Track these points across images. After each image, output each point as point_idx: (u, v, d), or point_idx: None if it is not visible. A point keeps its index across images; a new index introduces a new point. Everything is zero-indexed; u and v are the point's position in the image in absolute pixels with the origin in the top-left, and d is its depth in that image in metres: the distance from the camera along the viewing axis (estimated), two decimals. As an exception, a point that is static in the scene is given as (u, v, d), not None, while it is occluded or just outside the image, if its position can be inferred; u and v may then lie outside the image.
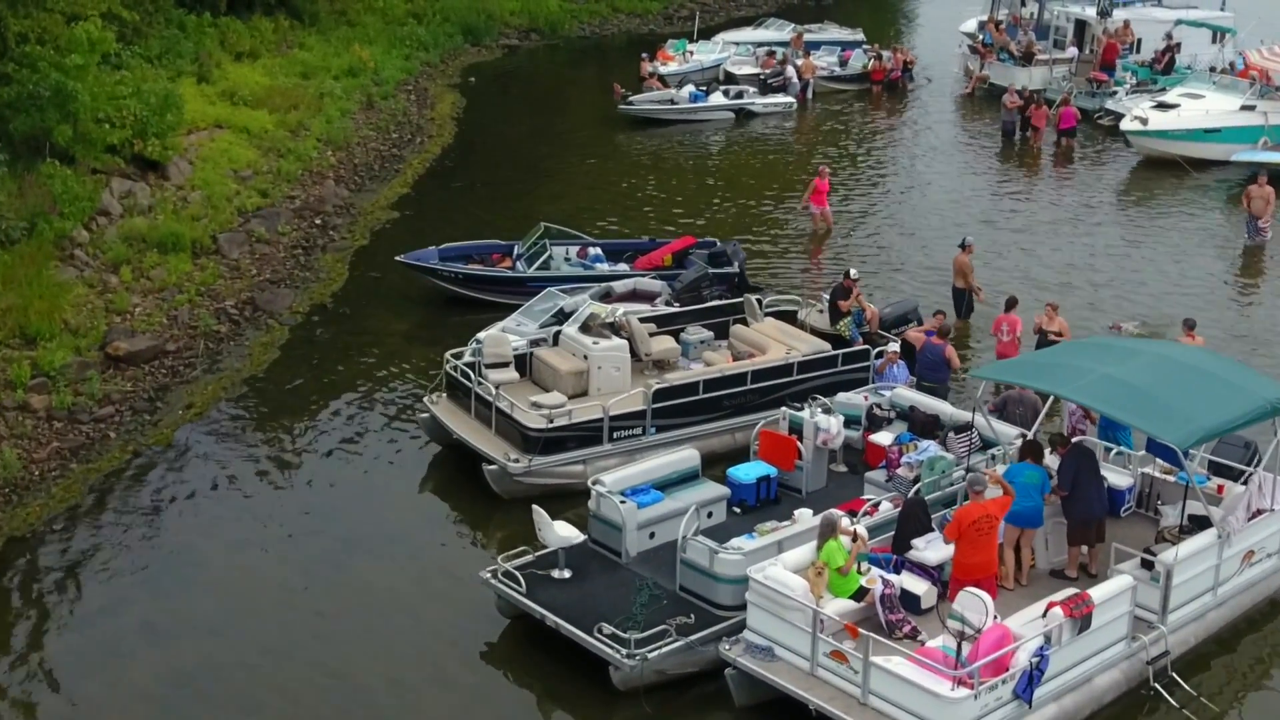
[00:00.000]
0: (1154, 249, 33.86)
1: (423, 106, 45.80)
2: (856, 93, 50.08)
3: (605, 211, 35.36)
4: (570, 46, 58.51)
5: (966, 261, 27.90)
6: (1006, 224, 35.24)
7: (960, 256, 27.98)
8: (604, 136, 43.21)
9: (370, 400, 24.72)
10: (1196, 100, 41.28)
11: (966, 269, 27.86)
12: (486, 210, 35.26)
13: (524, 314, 25.86)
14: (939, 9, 68.48)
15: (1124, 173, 40.83)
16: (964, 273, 27.90)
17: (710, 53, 51.65)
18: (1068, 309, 28.03)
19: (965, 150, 42.72)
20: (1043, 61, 48.83)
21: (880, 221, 35.30)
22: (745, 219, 35.25)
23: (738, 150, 42.22)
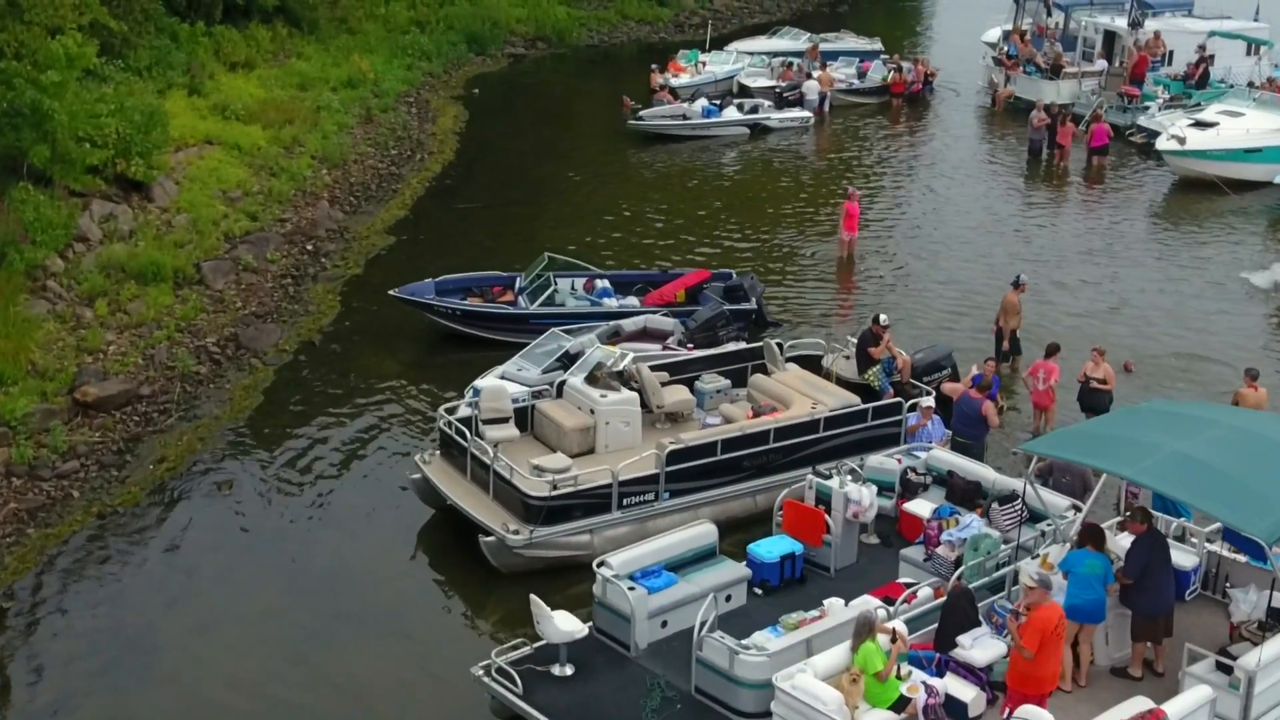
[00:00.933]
0: (1192, 280, 31.87)
1: (424, 120, 43.89)
2: (876, 106, 48.14)
3: (613, 237, 33.43)
4: (578, 56, 56.60)
5: (1016, 301, 25.93)
6: (1035, 254, 33.20)
7: (1010, 295, 25.99)
8: (613, 153, 41.27)
9: (358, 455, 22.76)
10: (1236, 118, 39.30)
11: (1014, 309, 25.90)
12: (488, 235, 33.35)
13: (525, 357, 23.95)
14: (958, 17, 66.67)
15: (1159, 195, 38.86)
16: (1011, 312, 25.92)
17: (724, 64, 49.70)
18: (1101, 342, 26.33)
19: (990, 170, 40.70)
20: (1071, 75, 46.81)
21: (902, 249, 33.32)
22: (761, 245, 33.30)
23: (753, 169, 40.26)
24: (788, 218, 35.49)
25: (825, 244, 33.19)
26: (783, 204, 36.79)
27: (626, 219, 34.89)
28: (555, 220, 34.58)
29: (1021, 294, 26.06)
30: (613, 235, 33.56)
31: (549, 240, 32.39)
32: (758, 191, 37.85)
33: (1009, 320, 25.93)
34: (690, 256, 32.07)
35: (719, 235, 33.86)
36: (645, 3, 62.50)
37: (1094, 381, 23.56)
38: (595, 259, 31.40)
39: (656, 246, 32.82)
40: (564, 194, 37.06)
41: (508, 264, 30.53)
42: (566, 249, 31.40)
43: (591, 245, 32.64)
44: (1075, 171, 40.81)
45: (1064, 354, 23.81)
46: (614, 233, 33.75)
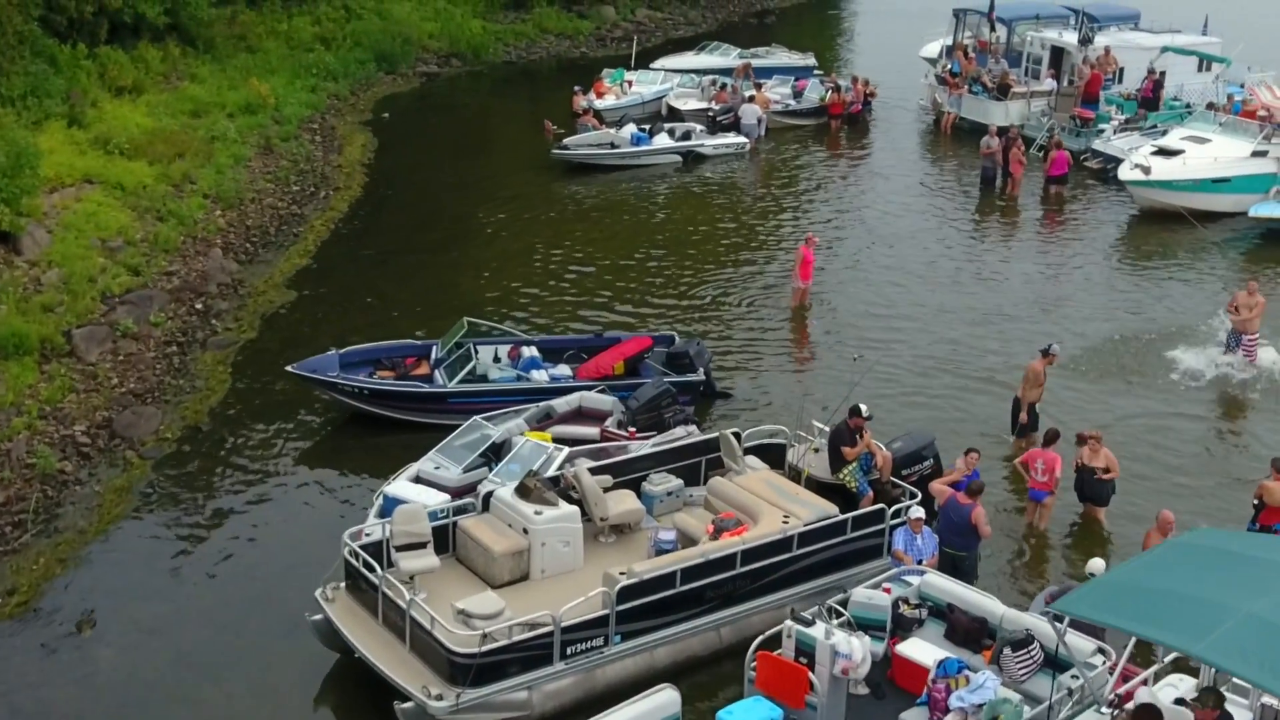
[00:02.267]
0: (1163, 321, 29.22)
1: (329, 150, 40.41)
2: (813, 128, 45.24)
3: (539, 288, 30.15)
4: (495, 73, 53.26)
5: (1041, 371, 23.11)
6: (994, 302, 30.40)
7: (1036, 364, 23.16)
8: (536, 186, 38.02)
9: (247, 581, 19.22)
10: (1201, 145, 36.75)
11: (1038, 380, 23.07)
12: (400, 286, 30.01)
13: (444, 452, 20.80)
14: (886, 27, 64.22)
15: (1121, 227, 36.23)
16: (1034, 383, 23.08)
17: (651, 84, 46.65)
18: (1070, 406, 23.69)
19: (943, 204, 37.78)
20: (1020, 95, 44.16)
21: (858, 297, 30.36)
22: (703, 296, 30.22)
23: (689, 204, 37.16)
24: (730, 261, 32.47)
25: (775, 293, 30.20)
26: (723, 244, 33.77)
27: (553, 265, 31.67)
28: (474, 268, 31.31)
29: (1050, 365, 23.21)
30: (538, 285, 30.28)
31: (468, 292, 29.34)
32: (696, 229, 34.75)
33: (1029, 391, 23.09)
34: (625, 311, 28.97)
35: (655, 284, 30.75)
36: (564, 16, 59.29)
37: (1097, 471, 20.81)
38: (520, 316, 28.35)
39: (587, 299, 29.66)
40: (484, 236, 33.76)
41: (422, 321, 27.52)
42: (487, 304, 28.52)
43: (515, 298, 29.45)
44: (1031, 202, 38.06)
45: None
46: (539, 283, 30.46)
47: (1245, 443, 24.11)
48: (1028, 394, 23.05)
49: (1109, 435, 22.32)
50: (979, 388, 25.67)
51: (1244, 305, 26.88)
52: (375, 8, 53.78)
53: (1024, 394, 23.10)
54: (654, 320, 28.45)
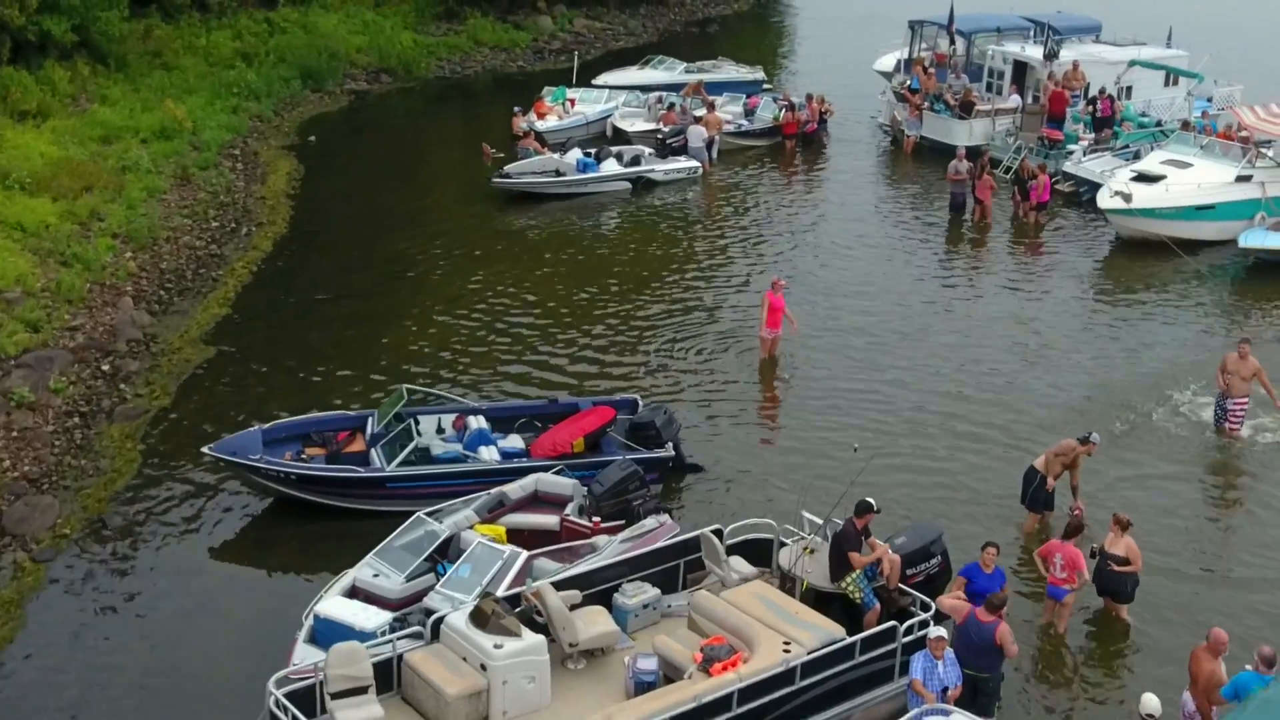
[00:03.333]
0: (1147, 361, 27.06)
1: (251, 180, 37.52)
2: (766, 149, 42.79)
3: (482, 340, 27.45)
4: (428, 90, 50.41)
5: (1071, 453, 20.79)
6: (975, 352, 28.05)
7: (1073, 446, 20.85)
8: (475, 218, 35.32)
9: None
10: (1183, 170, 34.64)
11: (1069, 462, 20.75)
12: (329, 341, 27.27)
13: (384, 557, 18.23)
14: (831, 35, 62.12)
15: (1101, 259, 34.04)
16: (1062, 463, 20.78)
17: (595, 103, 44.05)
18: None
19: (909, 233, 35.34)
20: (984, 112, 41.95)
21: (830, 345, 27.95)
22: (661, 343, 27.71)
23: (640, 235, 34.60)
24: (688, 303, 29.97)
25: (739, 341, 27.74)
26: (680, 283, 31.26)
27: (497, 310, 29.01)
28: (410, 316, 28.60)
29: (1088, 454, 20.86)
30: (481, 336, 27.59)
31: (404, 345, 26.74)
32: (649, 266, 32.22)
33: (1053, 465, 20.69)
34: (577, 365, 26.39)
35: (608, 331, 28.17)
36: (499, 27, 56.52)
37: (1113, 560, 18.50)
38: (462, 373, 25.78)
39: (535, 351, 27.05)
40: (420, 278, 31.00)
41: (355, 382, 25.01)
42: (425, 359, 26.16)
43: (456, 352, 26.81)
44: (1004, 230, 35.81)
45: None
46: (482, 333, 27.74)
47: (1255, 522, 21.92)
48: (1051, 467, 20.67)
49: (1102, 508, 20.18)
50: (977, 450, 23.36)
51: (1234, 369, 24.39)
52: (300, 20, 50.85)
53: (1048, 467, 20.70)
54: (608, 375, 25.95)
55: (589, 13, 60.62)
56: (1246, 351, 24.32)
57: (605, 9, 61.30)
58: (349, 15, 53.35)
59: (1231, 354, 24.51)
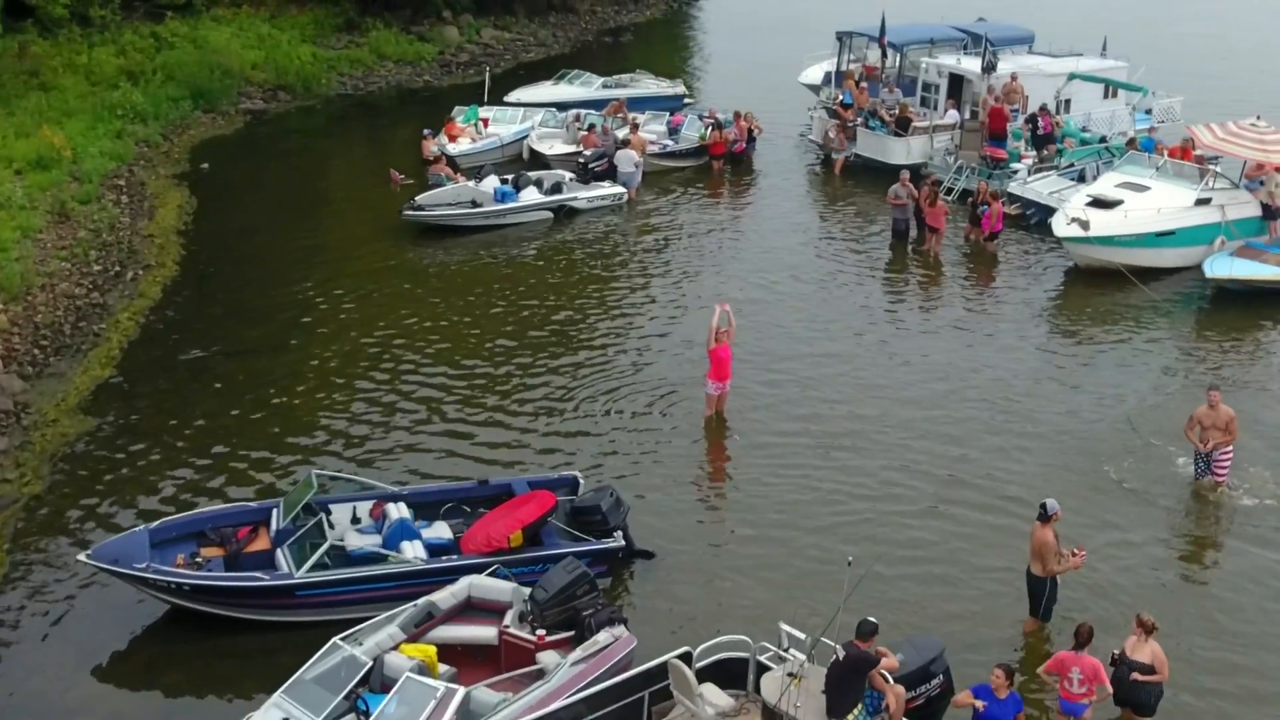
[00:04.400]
0: (1122, 419, 24.92)
1: (138, 214, 34.40)
2: (693, 170, 40.34)
3: (395, 408, 24.53)
4: (329, 108, 47.41)
5: (1049, 540, 18.08)
6: (945, 408, 25.74)
7: (1040, 531, 18.09)
8: (385, 255, 32.50)
9: None
10: (1141, 194, 32.64)
11: (1047, 550, 18.08)
12: (226, 408, 24.37)
13: (295, 695, 15.53)
14: (746, 42, 59.96)
15: (1056, 290, 31.85)
16: (1044, 555, 18.11)
17: (510, 123, 41.36)
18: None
19: (852, 265, 32.93)
20: (921, 129, 39.80)
21: (778, 398, 25.52)
22: (596, 402, 25.11)
23: (564, 270, 31.97)
24: (620, 350, 27.44)
25: (682, 397, 25.25)
26: (608, 326, 28.71)
27: (411, 367, 26.26)
28: (316, 376, 25.78)
29: (1054, 524, 18.27)
30: (393, 404, 24.69)
31: (309, 413, 24.11)
32: (575, 308, 29.62)
33: (1039, 564, 18.22)
34: (501, 435, 23.67)
35: (533, 386, 25.51)
36: (403, 39, 53.54)
37: (1135, 667, 16.25)
38: (374, 443, 23.00)
39: (456, 416, 24.34)
40: (325, 329, 28.13)
41: (255, 456, 22.18)
42: (334, 427, 23.26)
43: (367, 421, 24.02)
44: (952, 260, 33.60)
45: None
46: (393, 402, 24.80)
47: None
48: (1046, 565, 18.21)
49: (1095, 574, 17.99)
50: (959, 531, 21.00)
51: (1206, 423, 22.30)
52: (190, 35, 47.70)
53: (1044, 567, 18.25)
54: (537, 441, 23.31)
55: (497, 22, 57.89)
56: (1217, 400, 22.27)
57: (514, 18, 58.61)
58: (242, 28, 50.28)
59: (1202, 407, 22.42)
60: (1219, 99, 48.52)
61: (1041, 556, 17.99)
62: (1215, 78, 53.22)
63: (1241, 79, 54.06)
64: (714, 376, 24.34)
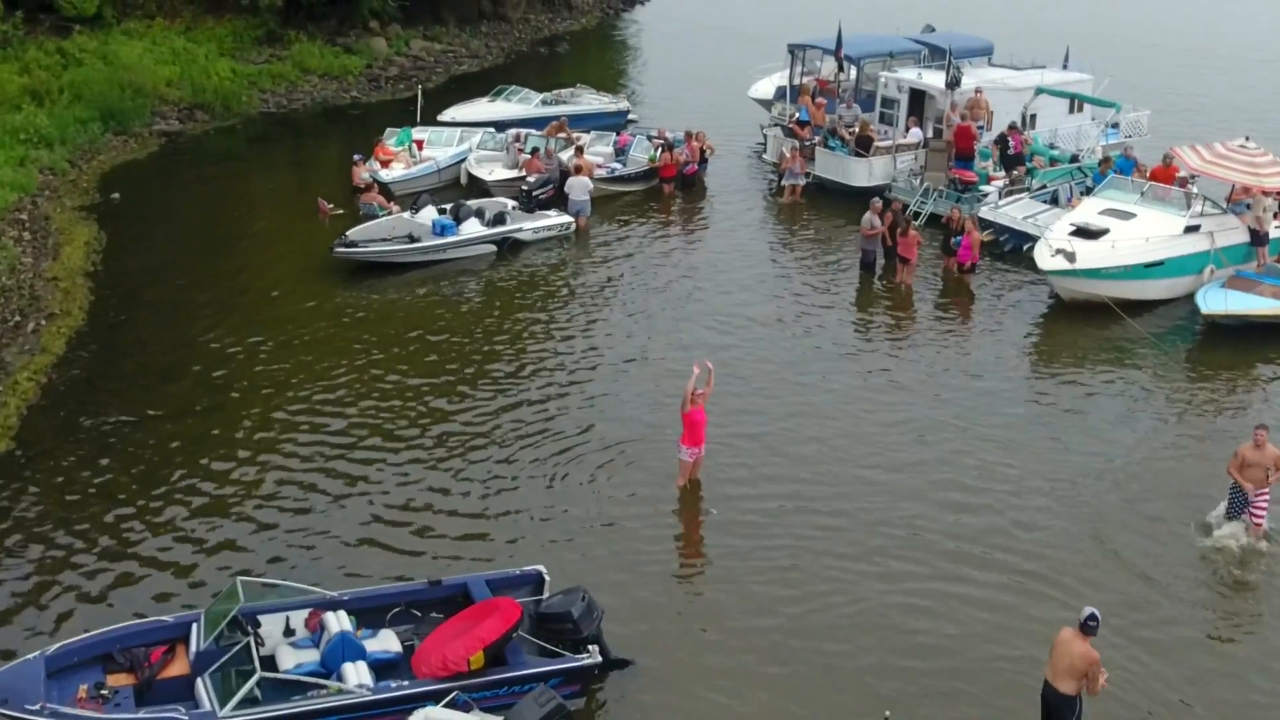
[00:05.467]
0: (1128, 473, 22.77)
1: (41, 254, 31.43)
2: (642, 194, 37.89)
3: (327, 489, 21.78)
4: (250, 128, 44.46)
5: (1092, 655, 15.54)
6: (919, 462, 23.47)
7: (1082, 645, 15.53)
8: (314, 297, 29.74)
9: None
10: (1128, 222, 30.60)
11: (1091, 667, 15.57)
12: (136, 491, 21.50)
13: None
14: (685, 49, 57.62)
15: (1038, 325, 29.79)
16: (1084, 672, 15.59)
17: (446, 145, 38.73)
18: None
19: (814, 301, 30.50)
20: (884, 149, 37.56)
21: (758, 459, 23.18)
22: (550, 466, 22.60)
23: (509, 315, 29.34)
24: (574, 406, 24.90)
25: (640, 457, 22.83)
26: (561, 377, 26.16)
27: (338, 437, 23.49)
28: (237, 447, 22.98)
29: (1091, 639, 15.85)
30: (323, 481, 21.96)
31: (228, 495, 21.42)
32: (523, 357, 27.03)
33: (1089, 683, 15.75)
34: (449, 518, 21.04)
35: (483, 454, 22.87)
36: (328, 51, 50.60)
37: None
38: (308, 537, 20.36)
39: (396, 494, 21.66)
40: (246, 385, 25.27)
41: (169, 551, 19.52)
42: (261, 519, 20.42)
43: (301, 499, 21.36)
44: (925, 296, 31.37)
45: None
46: (324, 479, 22.00)
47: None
48: (1077, 681, 15.85)
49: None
50: (978, 630, 18.70)
51: (1253, 461, 20.67)
52: (99, 50, 44.59)
53: (1058, 679, 15.87)
54: (485, 525, 20.74)
55: (426, 32, 55.08)
56: (1264, 439, 20.83)
57: (444, 28, 55.83)
58: (156, 42, 47.23)
59: (1246, 445, 20.96)
60: (1177, 107, 46.98)
61: (1079, 673, 15.63)
62: (1173, 87, 51.65)
63: (1200, 86, 52.54)
64: (688, 442, 21.94)
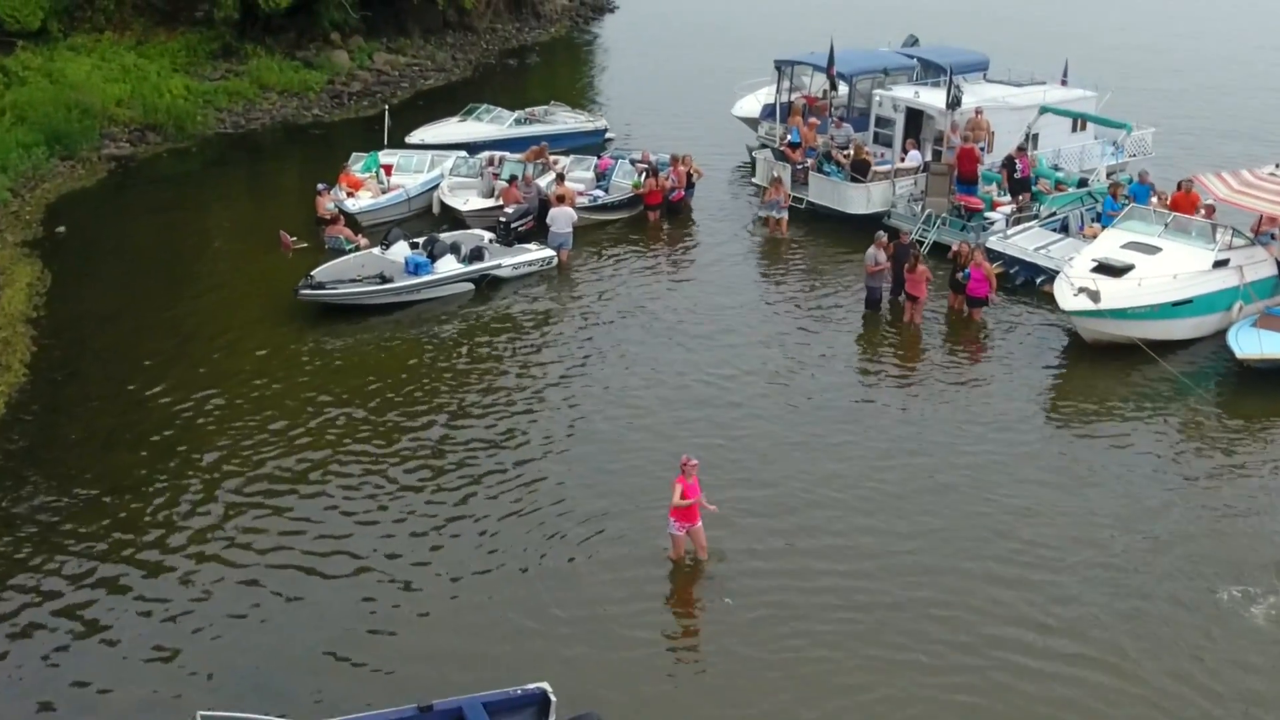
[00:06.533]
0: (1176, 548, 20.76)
1: (-21, 298, 29.00)
2: (626, 222, 35.55)
3: (285, 587, 19.39)
4: (206, 150, 41.84)
5: None
6: (936, 539, 21.43)
7: None
8: (273, 346, 27.23)
9: None
10: (1153, 257, 28.53)
11: None
12: (74, 600, 19.12)
13: None
14: (654, 60, 55.25)
15: (1060, 367, 27.74)
16: None
17: (416, 171, 36.29)
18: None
19: (816, 345, 28.23)
20: (883, 175, 35.38)
21: (759, 535, 21.01)
22: (539, 545, 20.40)
23: (489, 360, 27.08)
24: (551, 476, 22.60)
25: (630, 530, 20.62)
26: (548, 441, 23.87)
27: (299, 517, 21.11)
28: (189, 533, 20.61)
29: None
30: (288, 587, 19.52)
31: (181, 602, 18.90)
32: (504, 419, 24.63)
33: None
34: (427, 636, 18.74)
35: (459, 551, 20.47)
36: (287, 66, 47.95)
37: None
38: (271, 651, 17.95)
39: (362, 589, 19.38)
40: (198, 458, 22.79)
41: (120, 686, 17.06)
42: (218, 632, 18.01)
43: (258, 620, 18.94)
44: (939, 336, 29.24)
45: None
46: (284, 581, 19.58)
47: None
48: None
49: None
50: None
51: None
52: (44, 68, 42.01)
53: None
54: (473, 631, 18.45)
55: (390, 45, 52.53)
56: None
57: (408, 40, 53.29)
58: (105, 58, 44.58)
59: None
60: (1178, 122, 45.04)
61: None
62: (1165, 95, 49.71)
63: (1189, 94, 50.67)
64: (679, 518, 19.83)
